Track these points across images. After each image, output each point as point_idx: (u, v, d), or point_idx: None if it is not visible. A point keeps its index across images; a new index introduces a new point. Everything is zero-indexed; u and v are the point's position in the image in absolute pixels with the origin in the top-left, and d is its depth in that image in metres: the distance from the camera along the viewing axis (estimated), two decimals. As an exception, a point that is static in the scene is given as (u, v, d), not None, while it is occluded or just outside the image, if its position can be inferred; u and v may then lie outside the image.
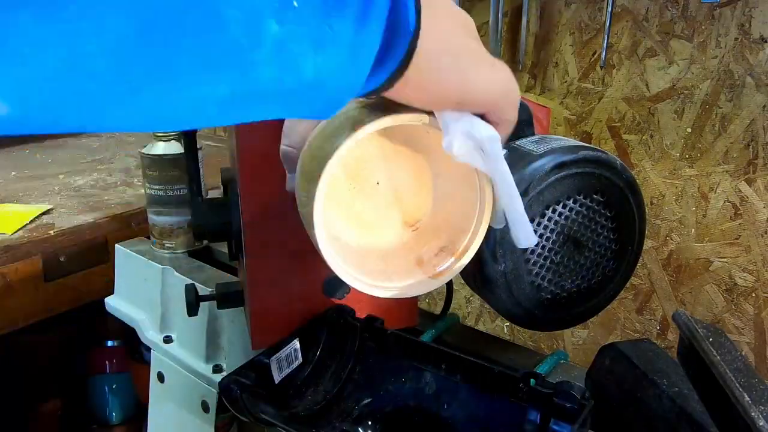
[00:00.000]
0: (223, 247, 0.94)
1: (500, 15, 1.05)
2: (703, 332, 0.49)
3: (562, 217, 0.55)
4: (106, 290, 1.00)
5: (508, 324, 1.25)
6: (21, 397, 1.39)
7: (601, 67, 0.98)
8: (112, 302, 0.98)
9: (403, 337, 0.64)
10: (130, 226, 1.12)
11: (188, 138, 0.76)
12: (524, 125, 0.59)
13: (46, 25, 0.20)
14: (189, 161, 0.76)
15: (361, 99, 0.45)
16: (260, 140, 0.62)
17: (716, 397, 0.46)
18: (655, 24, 0.92)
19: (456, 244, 0.51)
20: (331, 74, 0.29)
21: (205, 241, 0.97)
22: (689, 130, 0.92)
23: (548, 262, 0.56)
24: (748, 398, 0.43)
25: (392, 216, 0.52)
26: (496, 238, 0.53)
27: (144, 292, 0.92)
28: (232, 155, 0.69)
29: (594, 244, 0.58)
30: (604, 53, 0.96)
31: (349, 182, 0.49)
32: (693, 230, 0.95)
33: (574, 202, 0.55)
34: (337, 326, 0.67)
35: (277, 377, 0.61)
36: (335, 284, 0.65)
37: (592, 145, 0.57)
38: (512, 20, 1.07)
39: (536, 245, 0.55)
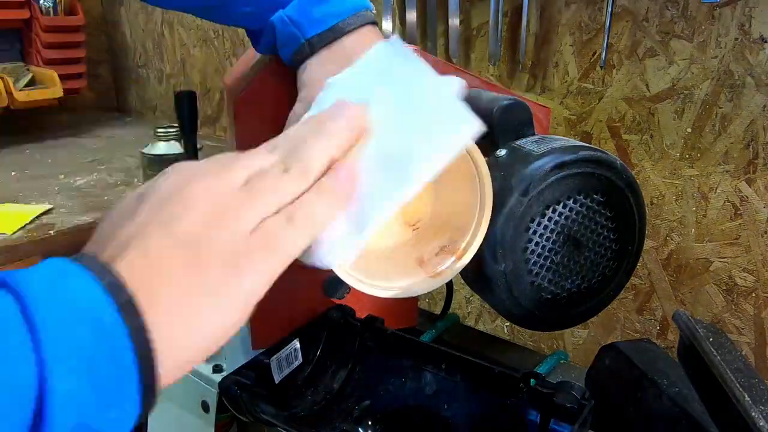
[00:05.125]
0: (223, 247, 0.94)
1: (500, 15, 1.05)
2: (703, 332, 0.49)
3: (562, 217, 0.55)
4: (106, 290, 1.00)
5: (508, 324, 1.25)
6: (21, 397, 1.39)
7: (601, 67, 0.98)
8: (112, 302, 0.98)
9: (403, 337, 0.64)
10: (130, 226, 1.11)
11: (188, 138, 0.76)
12: (524, 125, 0.59)
13: None
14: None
15: None
16: (260, 141, 0.62)
17: (716, 397, 0.46)
18: (655, 24, 0.92)
19: (457, 243, 0.51)
20: None
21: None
22: (689, 130, 0.92)
23: (548, 262, 0.56)
24: (748, 398, 0.43)
25: (394, 216, 0.53)
26: (497, 238, 0.53)
27: (144, 292, 0.92)
28: (232, 155, 0.69)
29: (594, 244, 0.58)
30: (604, 53, 0.96)
31: None
32: (693, 230, 0.95)
33: (574, 202, 0.55)
34: (337, 326, 0.67)
35: (277, 377, 0.61)
36: (335, 284, 0.65)
37: (592, 145, 0.57)
38: (512, 20, 1.07)
39: (536, 245, 0.55)
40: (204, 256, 0.30)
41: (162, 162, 0.91)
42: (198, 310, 0.30)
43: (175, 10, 0.67)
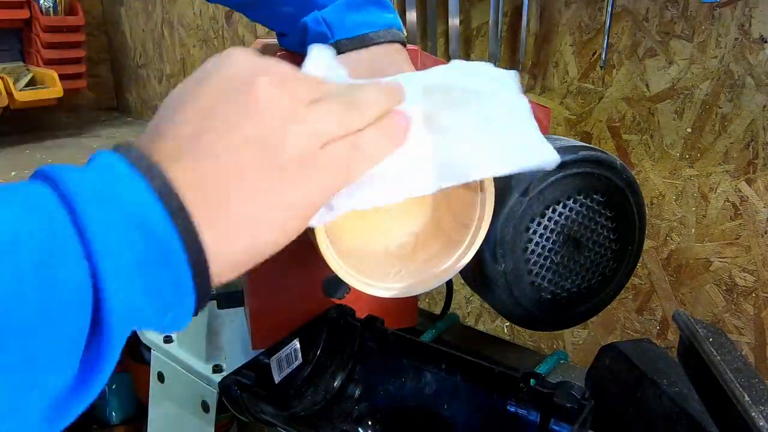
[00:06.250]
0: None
1: (500, 15, 1.05)
2: (703, 332, 0.49)
3: (562, 217, 0.55)
4: (106, 290, 1.00)
5: (508, 324, 1.25)
6: (21, 397, 1.39)
7: (601, 67, 0.98)
8: (112, 302, 0.98)
9: (403, 337, 0.64)
10: (130, 226, 1.11)
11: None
12: (524, 125, 0.59)
13: None
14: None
15: None
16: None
17: (716, 397, 0.46)
18: (655, 24, 0.92)
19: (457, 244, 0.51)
20: None
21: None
22: (689, 130, 0.92)
23: (548, 262, 0.56)
24: (748, 398, 0.43)
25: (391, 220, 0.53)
26: (497, 238, 0.53)
27: (144, 292, 0.92)
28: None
29: (594, 244, 0.58)
30: (604, 53, 0.96)
31: None
32: (693, 230, 0.95)
33: (574, 202, 0.55)
34: (337, 326, 0.67)
35: (277, 377, 0.61)
36: (335, 284, 0.65)
37: (592, 145, 0.57)
38: (512, 20, 1.07)
39: (536, 245, 0.55)
40: (280, 159, 0.30)
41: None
42: (263, 213, 0.30)
43: (225, 6, 0.70)
